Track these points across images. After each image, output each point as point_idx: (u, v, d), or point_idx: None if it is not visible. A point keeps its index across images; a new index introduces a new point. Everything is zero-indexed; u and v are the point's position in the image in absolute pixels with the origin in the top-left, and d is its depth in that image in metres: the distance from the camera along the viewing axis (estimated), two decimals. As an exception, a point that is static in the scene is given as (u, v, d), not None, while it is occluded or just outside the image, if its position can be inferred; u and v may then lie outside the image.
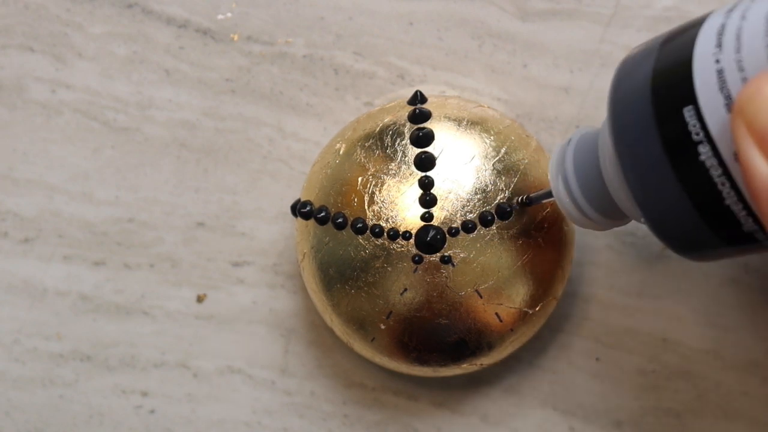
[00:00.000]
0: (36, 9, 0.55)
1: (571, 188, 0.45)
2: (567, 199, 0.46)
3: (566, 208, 0.46)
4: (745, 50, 0.36)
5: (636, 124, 0.39)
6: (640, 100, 0.39)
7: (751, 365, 0.54)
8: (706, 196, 0.38)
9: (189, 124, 0.55)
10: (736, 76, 0.37)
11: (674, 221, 0.40)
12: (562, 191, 0.46)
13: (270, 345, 0.55)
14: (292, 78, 0.55)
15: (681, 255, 0.41)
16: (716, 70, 0.37)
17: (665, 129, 0.38)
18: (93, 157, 0.56)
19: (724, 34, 0.37)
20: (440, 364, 0.51)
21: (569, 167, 0.45)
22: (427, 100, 0.52)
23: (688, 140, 0.38)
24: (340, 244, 0.51)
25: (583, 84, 0.54)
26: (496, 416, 0.55)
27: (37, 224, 0.56)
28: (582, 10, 0.54)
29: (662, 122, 0.38)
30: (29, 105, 0.56)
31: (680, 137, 0.38)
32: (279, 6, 0.55)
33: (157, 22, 0.55)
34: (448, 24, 0.54)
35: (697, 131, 0.37)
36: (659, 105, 0.38)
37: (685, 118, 0.37)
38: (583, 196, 0.45)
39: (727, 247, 0.40)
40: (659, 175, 0.39)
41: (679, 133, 0.38)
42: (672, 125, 0.38)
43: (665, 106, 0.38)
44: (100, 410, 0.56)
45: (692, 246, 0.40)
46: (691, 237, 0.40)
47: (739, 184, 0.37)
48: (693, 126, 0.37)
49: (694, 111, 0.37)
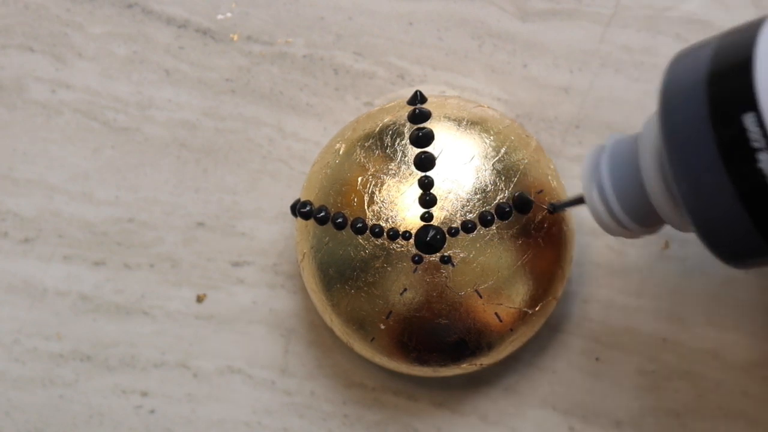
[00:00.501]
0: (36, 9, 0.56)
1: (607, 196, 0.43)
2: (602, 207, 0.44)
3: (600, 217, 0.44)
4: None
5: (689, 125, 0.37)
6: (694, 100, 0.37)
7: (751, 365, 0.54)
8: (762, 204, 0.36)
9: (189, 124, 0.55)
10: None
11: (725, 228, 0.38)
12: (596, 200, 0.44)
13: (270, 345, 0.55)
14: (292, 78, 0.55)
15: (727, 263, 0.40)
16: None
17: (721, 133, 0.37)
18: (93, 157, 0.56)
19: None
20: (440, 364, 0.51)
21: (605, 174, 0.43)
22: (427, 100, 0.52)
23: (747, 146, 0.36)
24: (340, 244, 0.51)
25: (583, 84, 0.54)
26: (495, 416, 0.55)
27: (37, 224, 0.56)
28: (582, 10, 0.54)
29: (718, 125, 0.36)
30: (29, 105, 0.56)
31: (738, 142, 0.36)
32: (279, 6, 0.55)
33: (157, 22, 0.55)
34: (448, 24, 0.54)
35: (757, 138, 0.36)
36: (715, 107, 0.37)
37: (745, 125, 0.36)
38: (619, 204, 0.43)
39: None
40: (713, 180, 0.37)
41: (737, 138, 0.36)
42: (729, 130, 0.36)
43: (722, 110, 0.36)
44: (100, 410, 0.56)
45: (741, 254, 0.39)
46: (742, 245, 0.38)
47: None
48: (753, 133, 0.36)
49: (755, 117, 0.36)
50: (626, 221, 0.44)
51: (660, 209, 0.42)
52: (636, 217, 0.43)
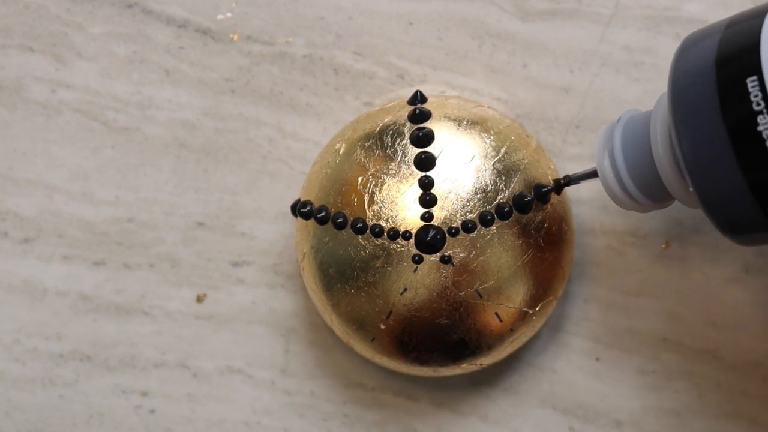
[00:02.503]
0: (36, 9, 0.55)
1: (618, 165, 0.44)
2: (612, 175, 0.44)
3: (610, 185, 0.45)
4: None
5: (697, 95, 0.38)
6: (703, 71, 0.38)
7: (751, 365, 0.54)
8: (760, 172, 0.37)
9: (189, 124, 0.55)
10: None
11: (727, 198, 0.38)
12: (607, 168, 0.44)
13: (270, 345, 0.55)
14: (292, 78, 0.55)
15: (730, 237, 0.40)
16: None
17: (726, 99, 0.37)
18: (93, 157, 0.56)
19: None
20: (440, 364, 0.51)
21: (617, 144, 0.44)
22: (427, 100, 0.52)
23: (749, 110, 0.37)
24: (340, 244, 0.51)
25: (583, 84, 0.54)
26: (496, 416, 0.55)
27: (37, 224, 0.56)
28: (582, 10, 0.54)
29: (723, 91, 0.37)
30: (29, 105, 0.56)
31: (740, 107, 0.37)
32: (279, 6, 0.55)
33: (157, 22, 0.55)
34: (448, 24, 0.54)
35: (758, 101, 0.37)
36: (722, 75, 0.37)
37: (748, 88, 0.37)
38: (629, 174, 0.44)
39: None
40: (716, 147, 0.38)
41: (740, 103, 0.37)
42: (733, 94, 0.37)
43: (728, 77, 0.37)
44: (100, 410, 0.56)
45: (741, 227, 0.39)
46: (742, 217, 0.38)
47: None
48: (755, 96, 0.37)
49: (757, 81, 0.36)
50: (635, 193, 0.44)
51: (668, 183, 0.43)
52: (645, 189, 0.44)
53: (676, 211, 0.54)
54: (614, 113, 0.54)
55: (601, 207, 0.54)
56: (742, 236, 0.40)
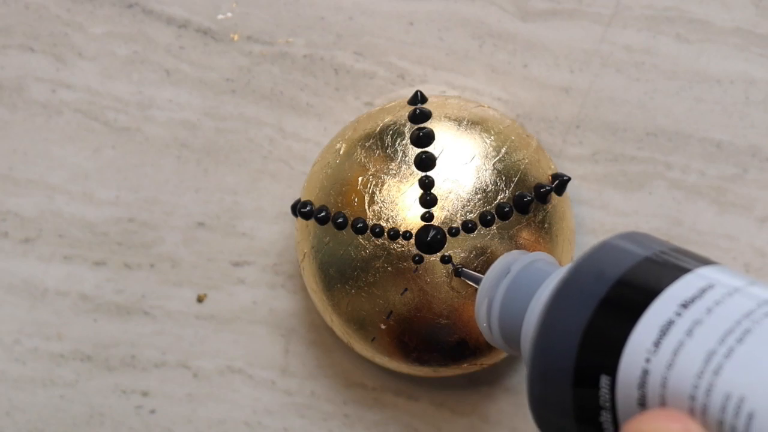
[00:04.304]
0: (36, 9, 0.55)
1: (492, 318, 0.46)
2: (485, 324, 0.47)
3: (481, 328, 0.47)
4: (674, 376, 0.37)
5: (556, 363, 0.40)
6: (568, 342, 0.39)
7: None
8: None
9: (189, 124, 0.55)
10: (657, 390, 0.37)
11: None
12: (483, 316, 0.47)
13: (270, 345, 0.55)
14: (293, 78, 0.55)
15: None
16: (642, 369, 0.37)
17: (579, 382, 0.39)
18: (93, 157, 0.56)
19: (665, 338, 0.37)
20: (440, 364, 0.51)
21: (497, 302, 0.46)
22: (428, 100, 0.52)
23: (596, 402, 0.38)
24: (341, 244, 0.51)
25: (583, 84, 0.54)
26: (496, 416, 0.55)
27: (37, 224, 0.56)
28: (582, 10, 0.54)
29: (579, 375, 0.39)
30: (29, 105, 0.56)
31: (590, 395, 0.39)
32: (279, 6, 0.55)
33: (158, 22, 0.55)
34: (449, 24, 0.54)
35: (605, 401, 0.38)
36: (581, 360, 0.39)
37: (600, 384, 0.38)
38: (499, 329, 0.46)
39: None
40: (561, 418, 0.40)
41: (590, 392, 0.39)
42: (586, 382, 0.39)
43: (586, 365, 0.39)
44: (101, 410, 0.56)
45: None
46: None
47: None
48: (603, 395, 0.38)
49: (609, 383, 0.38)
50: (500, 343, 0.47)
51: (524, 354, 0.45)
52: (509, 343, 0.46)
53: (675, 211, 0.54)
54: (614, 113, 0.54)
55: (601, 207, 0.54)
56: None
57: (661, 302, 0.38)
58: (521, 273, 0.45)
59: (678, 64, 0.54)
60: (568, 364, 0.39)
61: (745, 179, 0.53)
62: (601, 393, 0.38)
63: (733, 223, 0.54)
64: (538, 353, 0.40)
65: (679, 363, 0.37)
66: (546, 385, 0.40)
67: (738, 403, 0.35)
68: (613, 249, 0.41)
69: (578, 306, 0.40)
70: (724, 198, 0.54)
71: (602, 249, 0.41)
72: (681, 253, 0.40)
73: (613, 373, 0.38)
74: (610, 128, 0.54)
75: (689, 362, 0.37)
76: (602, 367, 0.38)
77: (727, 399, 0.36)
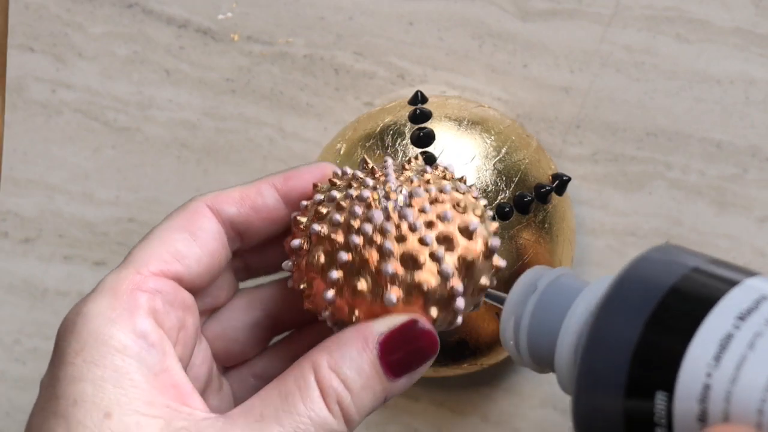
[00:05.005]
0: (36, 9, 0.55)
1: (520, 336, 0.44)
2: (512, 343, 0.45)
3: (507, 347, 0.45)
4: (739, 390, 0.36)
5: (606, 380, 0.39)
6: (617, 359, 0.39)
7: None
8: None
9: (189, 124, 0.55)
10: (720, 404, 0.36)
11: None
12: (509, 334, 0.45)
13: (270, 345, 0.55)
14: (293, 78, 0.55)
15: None
16: (703, 384, 0.37)
17: (631, 398, 0.38)
18: (93, 157, 0.56)
19: (726, 352, 0.37)
20: (440, 364, 0.51)
21: (525, 320, 0.44)
22: (428, 100, 0.52)
23: (650, 419, 0.38)
24: (341, 244, 0.51)
25: (583, 84, 0.54)
26: (496, 416, 0.55)
27: (37, 224, 0.56)
28: (582, 10, 0.54)
29: (631, 391, 0.38)
30: (29, 105, 0.56)
31: (643, 412, 0.38)
32: (279, 6, 0.55)
33: (158, 22, 0.55)
34: (449, 24, 0.54)
35: (660, 417, 0.38)
36: (634, 376, 0.38)
37: (655, 400, 0.38)
38: (527, 348, 0.45)
39: None
40: None
41: (644, 409, 0.38)
42: (639, 399, 0.38)
43: (639, 381, 0.38)
44: (101, 410, 0.56)
45: None
46: None
47: None
48: (659, 411, 0.38)
49: (665, 399, 0.37)
50: (528, 362, 0.45)
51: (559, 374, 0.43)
52: (537, 361, 0.45)
53: (675, 211, 0.54)
54: (614, 113, 0.54)
55: (601, 207, 0.54)
56: None
57: (715, 315, 0.38)
58: (549, 289, 0.44)
59: (678, 64, 0.54)
60: (620, 381, 0.39)
61: (745, 179, 0.53)
62: (656, 410, 0.38)
63: (733, 223, 0.54)
64: (586, 370, 0.40)
65: (744, 377, 0.36)
66: (594, 403, 0.39)
67: None
68: (654, 263, 0.40)
69: (627, 321, 0.39)
70: (724, 198, 0.54)
71: (643, 263, 0.41)
72: (722, 265, 0.40)
73: (671, 389, 0.37)
74: (610, 128, 0.54)
75: (754, 375, 0.36)
76: (658, 383, 0.38)
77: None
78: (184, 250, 0.42)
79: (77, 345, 0.39)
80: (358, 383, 0.39)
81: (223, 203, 0.43)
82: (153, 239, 0.42)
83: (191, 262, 0.42)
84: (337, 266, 0.40)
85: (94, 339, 0.39)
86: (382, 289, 0.40)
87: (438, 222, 0.40)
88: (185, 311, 0.42)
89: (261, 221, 0.43)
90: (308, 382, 0.39)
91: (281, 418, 0.39)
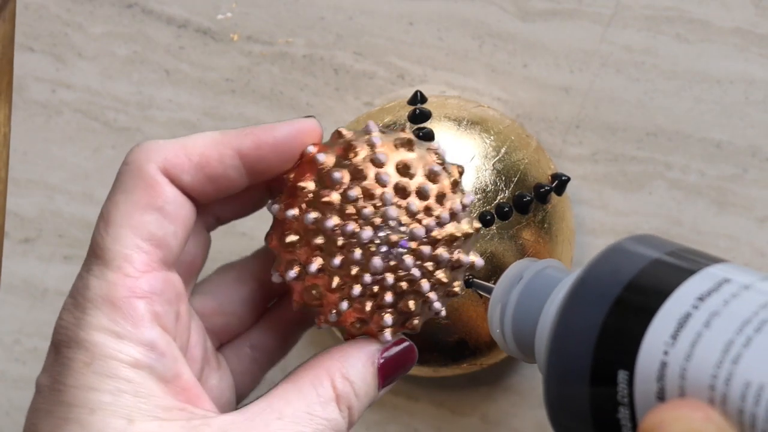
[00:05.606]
0: (36, 9, 0.56)
1: (505, 323, 0.46)
2: (498, 331, 0.47)
3: (495, 336, 0.47)
4: (693, 367, 0.37)
5: (573, 363, 0.40)
6: (584, 342, 0.40)
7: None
8: None
9: (189, 124, 0.55)
10: (676, 381, 0.37)
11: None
12: (496, 321, 0.47)
13: (270, 345, 0.55)
14: (293, 78, 0.55)
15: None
16: (661, 361, 0.38)
17: (596, 378, 0.39)
18: (93, 157, 0.56)
19: (682, 330, 0.38)
20: (440, 364, 0.51)
21: (510, 308, 0.46)
22: (427, 100, 0.52)
23: (614, 397, 0.39)
24: (341, 244, 0.51)
25: (583, 84, 0.54)
26: (496, 416, 0.55)
27: (37, 224, 0.56)
28: (582, 10, 0.54)
29: (596, 371, 0.39)
30: (29, 105, 0.56)
31: (607, 391, 0.39)
32: (279, 6, 0.55)
33: (157, 22, 0.55)
34: (449, 24, 0.54)
35: (623, 396, 0.38)
36: (598, 357, 0.39)
37: (618, 379, 0.39)
38: (512, 335, 0.46)
39: None
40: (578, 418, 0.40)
41: (608, 388, 0.39)
42: (603, 378, 0.39)
43: (603, 361, 0.39)
44: (101, 410, 0.56)
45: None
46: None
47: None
48: (621, 390, 0.38)
49: (627, 377, 0.38)
50: (514, 350, 0.46)
51: (539, 358, 0.44)
52: (522, 349, 0.46)
53: (675, 211, 0.54)
54: (614, 113, 0.54)
55: (601, 207, 0.54)
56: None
57: (677, 296, 0.38)
58: (533, 279, 0.45)
59: (678, 64, 0.54)
60: (585, 363, 0.39)
61: (745, 179, 0.53)
62: (618, 388, 0.38)
63: (733, 223, 0.54)
64: (553, 355, 0.41)
65: (698, 354, 0.37)
66: (563, 386, 0.40)
67: (758, 391, 0.36)
68: (625, 251, 0.41)
69: (593, 306, 0.40)
70: (724, 198, 0.54)
71: (614, 251, 0.41)
72: (692, 253, 0.41)
73: (631, 368, 0.38)
74: (610, 128, 0.54)
75: (708, 353, 0.37)
76: (619, 363, 0.39)
77: (746, 387, 0.36)
78: (160, 233, 0.41)
79: (85, 358, 0.40)
80: (363, 390, 0.43)
81: (179, 170, 0.41)
82: (121, 225, 0.41)
83: (169, 241, 0.41)
84: (348, 299, 0.43)
85: (103, 354, 0.39)
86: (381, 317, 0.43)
87: None
88: (178, 300, 0.42)
89: (217, 192, 0.42)
90: (326, 387, 0.42)
91: (301, 418, 0.41)
